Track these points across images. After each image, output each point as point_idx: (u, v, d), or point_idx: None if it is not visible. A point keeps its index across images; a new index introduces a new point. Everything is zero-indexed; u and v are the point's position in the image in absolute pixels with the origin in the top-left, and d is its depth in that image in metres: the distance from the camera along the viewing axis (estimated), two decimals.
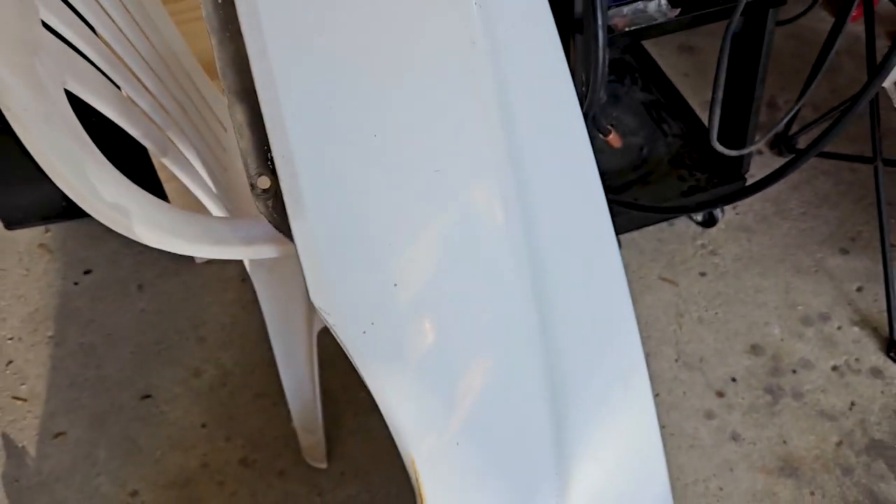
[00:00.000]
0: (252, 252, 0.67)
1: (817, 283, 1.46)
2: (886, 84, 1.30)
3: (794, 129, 1.63)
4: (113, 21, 0.80)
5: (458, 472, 0.71)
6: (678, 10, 1.16)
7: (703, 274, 1.48)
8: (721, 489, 1.23)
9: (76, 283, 1.53)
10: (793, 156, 1.15)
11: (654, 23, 1.15)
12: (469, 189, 0.65)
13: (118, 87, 0.76)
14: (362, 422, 1.31)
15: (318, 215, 0.60)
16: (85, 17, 0.76)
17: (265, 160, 0.62)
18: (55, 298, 1.51)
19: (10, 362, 1.43)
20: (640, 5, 1.16)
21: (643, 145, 1.55)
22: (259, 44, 0.59)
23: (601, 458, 0.81)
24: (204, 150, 0.87)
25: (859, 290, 1.44)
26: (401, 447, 0.69)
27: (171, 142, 0.80)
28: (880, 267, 1.43)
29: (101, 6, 0.79)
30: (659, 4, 1.17)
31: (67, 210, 1.59)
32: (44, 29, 0.66)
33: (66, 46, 0.68)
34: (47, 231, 1.61)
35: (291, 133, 0.59)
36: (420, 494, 0.70)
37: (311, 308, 1.03)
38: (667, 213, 1.46)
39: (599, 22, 1.00)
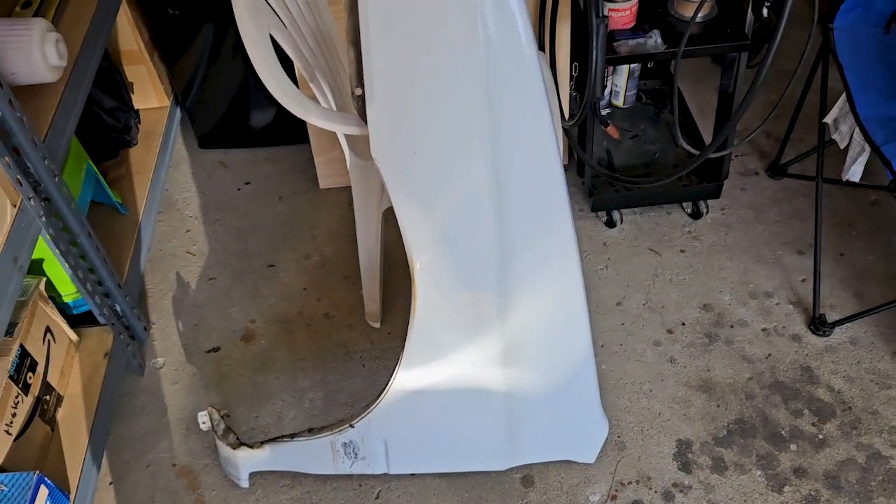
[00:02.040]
0: (347, 129, 1.24)
1: (771, 270, 1.87)
2: (828, 120, 1.72)
3: (789, 157, 2.05)
4: (297, 3, 1.42)
5: (437, 273, 1.25)
6: (666, 45, 1.66)
7: (682, 251, 1.94)
8: (651, 391, 1.68)
9: (238, 189, 2.20)
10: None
11: (648, 52, 1.65)
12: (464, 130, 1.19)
13: (295, 39, 1.37)
14: (407, 303, 1.87)
15: (380, 106, 1.16)
16: None
17: (360, 78, 1.20)
18: (224, 196, 2.18)
19: (188, 231, 2.10)
20: (641, 39, 1.67)
21: (657, 152, 2.02)
22: (364, 20, 1.16)
23: (535, 301, 1.32)
24: (330, 78, 1.47)
25: (803, 281, 1.85)
26: (408, 253, 1.23)
27: (315, 73, 1.40)
28: (825, 266, 1.84)
29: None
30: (655, 41, 1.67)
31: (242, 140, 2.27)
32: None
33: (271, 11, 1.29)
34: (226, 153, 2.30)
35: (374, 66, 1.16)
36: (413, 276, 1.24)
37: (379, 195, 1.63)
38: (643, 183, 1.90)
39: (596, 51, 1.52)
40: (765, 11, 1.59)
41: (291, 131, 2.24)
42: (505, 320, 1.32)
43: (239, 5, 1.19)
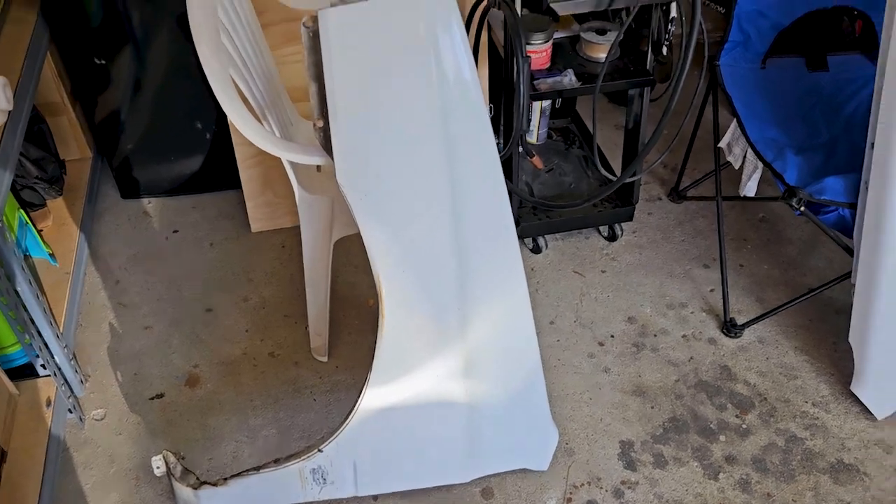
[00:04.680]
0: (311, 160, 1.31)
1: (683, 283, 2.06)
2: (722, 144, 1.96)
3: (686, 183, 2.28)
4: (248, 47, 1.48)
5: (404, 291, 1.32)
6: (580, 83, 1.84)
7: (603, 271, 2.10)
8: (591, 399, 1.80)
9: (167, 238, 2.18)
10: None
11: (565, 89, 1.83)
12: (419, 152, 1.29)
13: (247, 79, 1.43)
14: (354, 337, 1.91)
15: (344, 136, 1.24)
16: (237, 43, 1.44)
17: (323, 111, 1.27)
18: (152, 246, 2.16)
19: (118, 282, 2.06)
20: (558, 78, 1.84)
21: (572, 182, 2.20)
22: (328, 59, 1.25)
23: (491, 314, 1.41)
24: (276, 115, 1.54)
25: (711, 291, 2.05)
26: (375, 274, 1.30)
27: (265, 110, 1.47)
28: (729, 277, 2.05)
29: (243, 40, 1.48)
30: (570, 79, 1.85)
31: (166, 189, 2.26)
32: (223, 42, 1.34)
33: (230, 53, 1.35)
34: (150, 202, 2.28)
35: (338, 100, 1.24)
36: (380, 296, 1.31)
37: (329, 228, 1.69)
38: (562, 208, 2.06)
39: (522, 86, 1.67)
40: (664, 50, 1.81)
41: (217, 178, 2.27)
42: (465, 334, 1.40)
43: (202, 44, 1.25)
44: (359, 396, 1.39)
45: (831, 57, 2.01)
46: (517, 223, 2.11)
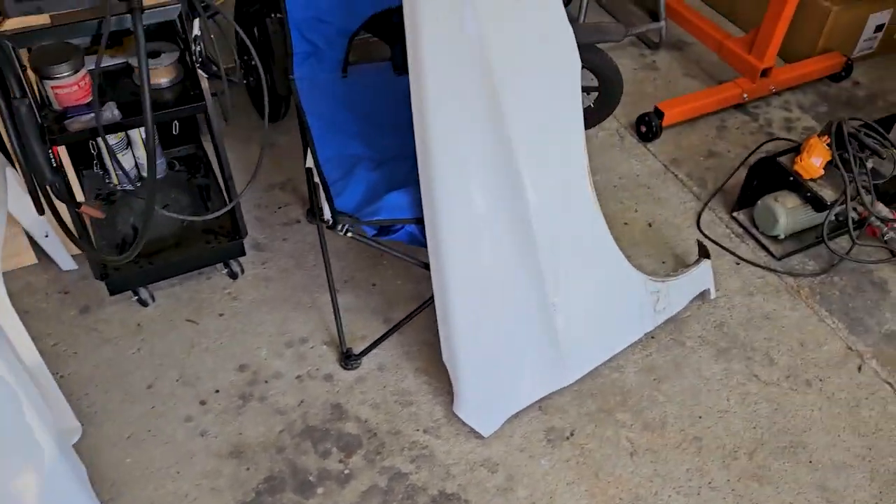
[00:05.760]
0: None
1: (308, 315, 1.90)
2: (310, 164, 1.80)
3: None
4: None
5: None
6: (122, 116, 1.61)
7: (221, 314, 1.90)
8: (178, 472, 1.59)
9: None
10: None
11: (106, 125, 1.59)
12: None
13: None
14: None
15: None
16: None
17: None
18: None
19: None
20: (102, 112, 1.59)
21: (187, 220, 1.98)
22: None
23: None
24: None
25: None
26: None
27: None
28: (359, 301, 1.91)
29: None
30: (112, 112, 1.62)
31: None
32: None
33: None
34: None
35: None
36: None
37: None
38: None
39: (20, 125, 1.42)
40: (202, 71, 1.61)
41: None
42: None
43: None
44: None
45: None
46: (103, 277, 1.84)
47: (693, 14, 2.65)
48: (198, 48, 1.53)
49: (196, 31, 1.52)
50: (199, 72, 1.63)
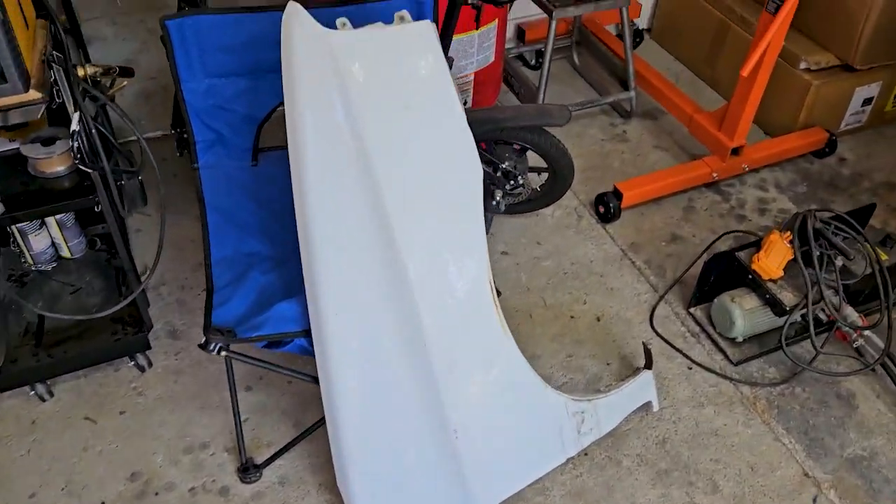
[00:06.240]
0: None
1: (214, 416, 1.76)
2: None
3: None
4: None
5: None
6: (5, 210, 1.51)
7: (122, 412, 1.77)
8: None
9: None
10: None
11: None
12: None
13: None
14: None
15: None
16: None
17: None
18: None
19: None
20: None
21: (95, 304, 1.87)
22: None
23: None
24: None
25: (246, 420, 1.76)
26: None
27: None
28: (270, 401, 1.77)
29: None
30: None
31: None
32: None
33: None
34: None
35: None
36: None
37: None
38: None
39: None
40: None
41: None
42: None
43: None
44: None
45: None
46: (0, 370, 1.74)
47: (664, 83, 2.50)
48: (75, 144, 1.42)
49: (74, 125, 1.41)
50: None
